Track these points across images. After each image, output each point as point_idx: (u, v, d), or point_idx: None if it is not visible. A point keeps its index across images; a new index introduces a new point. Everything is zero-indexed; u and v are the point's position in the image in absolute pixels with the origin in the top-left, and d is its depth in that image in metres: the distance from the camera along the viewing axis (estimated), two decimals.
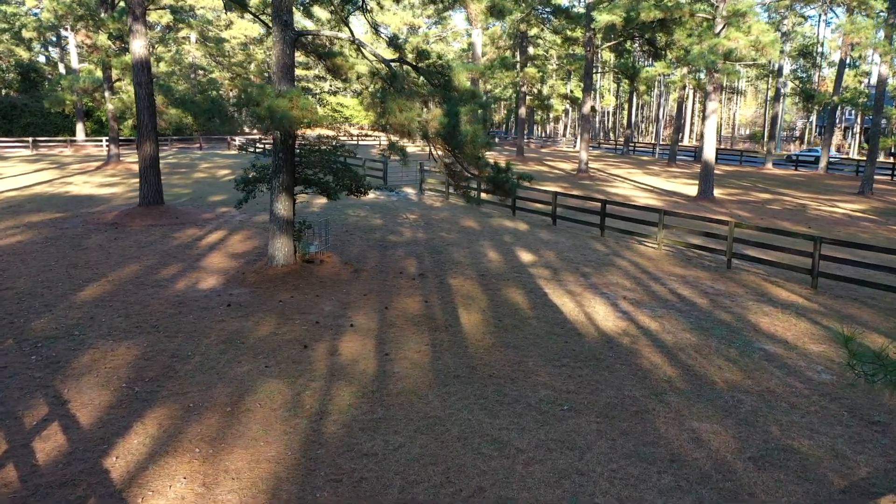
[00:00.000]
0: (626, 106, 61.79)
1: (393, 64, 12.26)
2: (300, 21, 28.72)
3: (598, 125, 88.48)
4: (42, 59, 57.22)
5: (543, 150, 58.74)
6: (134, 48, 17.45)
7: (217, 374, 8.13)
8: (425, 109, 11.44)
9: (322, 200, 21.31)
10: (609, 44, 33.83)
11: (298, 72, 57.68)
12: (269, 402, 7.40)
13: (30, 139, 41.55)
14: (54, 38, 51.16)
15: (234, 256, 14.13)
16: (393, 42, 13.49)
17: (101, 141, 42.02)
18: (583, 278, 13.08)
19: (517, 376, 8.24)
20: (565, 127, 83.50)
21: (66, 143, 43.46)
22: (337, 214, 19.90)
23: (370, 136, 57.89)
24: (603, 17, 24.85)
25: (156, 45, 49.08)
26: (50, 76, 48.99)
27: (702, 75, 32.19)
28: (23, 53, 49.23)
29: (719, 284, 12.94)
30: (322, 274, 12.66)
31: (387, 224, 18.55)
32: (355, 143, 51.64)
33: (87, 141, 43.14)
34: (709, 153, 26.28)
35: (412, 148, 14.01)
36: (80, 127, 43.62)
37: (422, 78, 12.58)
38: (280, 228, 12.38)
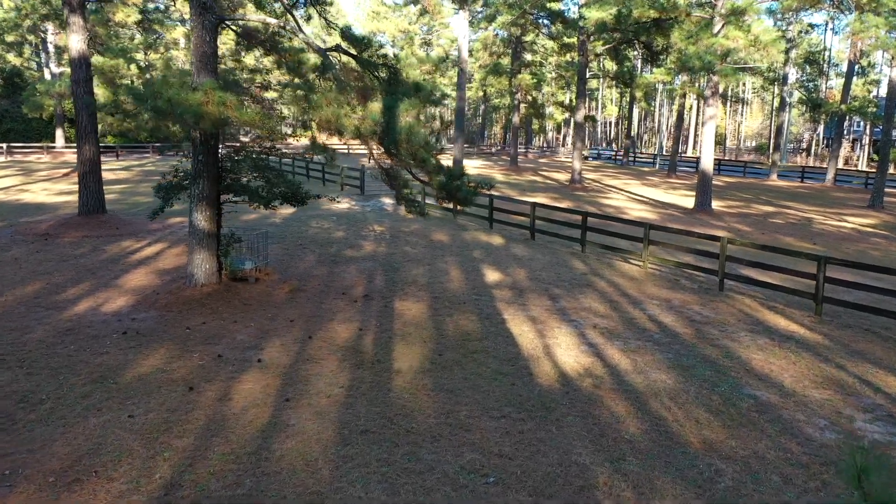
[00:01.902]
0: (627, 116, 60.16)
1: (331, 54, 10.66)
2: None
3: (599, 135, 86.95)
4: (34, 65, 56.03)
5: (541, 161, 57.05)
6: (71, 43, 15.95)
7: (64, 425, 6.49)
8: (364, 105, 9.84)
9: (286, 211, 19.71)
10: (605, 47, 32.18)
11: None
12: (109, 469, 5.74)
13: (4, 145, 40.17)
14: (42, 42, 49.91)
15: (161, 273, 12.52)
16: (346, 33, 11.91)
17: None
18: (551, 301, 11.38)
19: (441, 432, 6.56)
20: (564, 137, 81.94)
21: (43, 150, 42.06)
22: (298, 225, 18.29)
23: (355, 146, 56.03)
24: (593, 14, 23.18)
25: (147, 52, 47.72)
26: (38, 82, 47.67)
27: (703, 81, 30.59)
28: (13, 59, 47.94)
29: (708, 310, 11.23)
30: (249, 295, 11.03)
31: (348, 237, 16.92)
32: (346, 150, 49.98)
33: (65, 147, 41.67)
34: (706, 162, 24.53)
35: None
36: (59, 133, 42.16)
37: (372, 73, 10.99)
38: (200, 243, 10.76)
